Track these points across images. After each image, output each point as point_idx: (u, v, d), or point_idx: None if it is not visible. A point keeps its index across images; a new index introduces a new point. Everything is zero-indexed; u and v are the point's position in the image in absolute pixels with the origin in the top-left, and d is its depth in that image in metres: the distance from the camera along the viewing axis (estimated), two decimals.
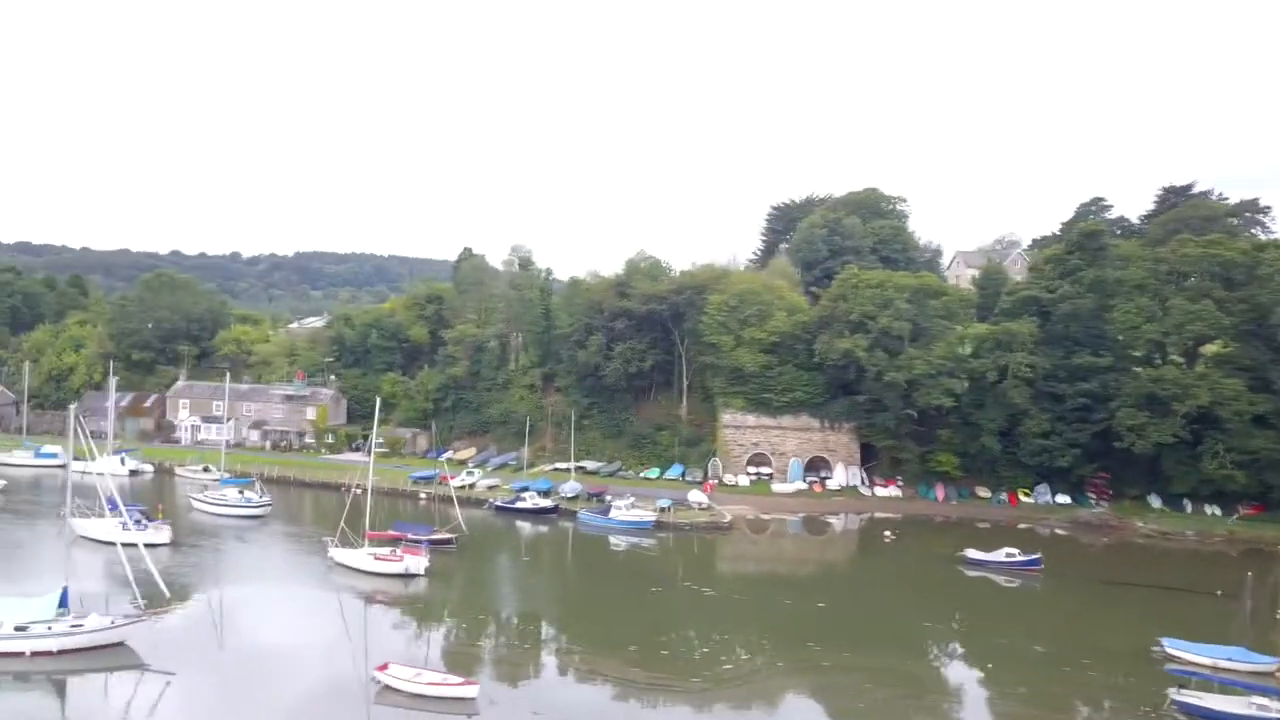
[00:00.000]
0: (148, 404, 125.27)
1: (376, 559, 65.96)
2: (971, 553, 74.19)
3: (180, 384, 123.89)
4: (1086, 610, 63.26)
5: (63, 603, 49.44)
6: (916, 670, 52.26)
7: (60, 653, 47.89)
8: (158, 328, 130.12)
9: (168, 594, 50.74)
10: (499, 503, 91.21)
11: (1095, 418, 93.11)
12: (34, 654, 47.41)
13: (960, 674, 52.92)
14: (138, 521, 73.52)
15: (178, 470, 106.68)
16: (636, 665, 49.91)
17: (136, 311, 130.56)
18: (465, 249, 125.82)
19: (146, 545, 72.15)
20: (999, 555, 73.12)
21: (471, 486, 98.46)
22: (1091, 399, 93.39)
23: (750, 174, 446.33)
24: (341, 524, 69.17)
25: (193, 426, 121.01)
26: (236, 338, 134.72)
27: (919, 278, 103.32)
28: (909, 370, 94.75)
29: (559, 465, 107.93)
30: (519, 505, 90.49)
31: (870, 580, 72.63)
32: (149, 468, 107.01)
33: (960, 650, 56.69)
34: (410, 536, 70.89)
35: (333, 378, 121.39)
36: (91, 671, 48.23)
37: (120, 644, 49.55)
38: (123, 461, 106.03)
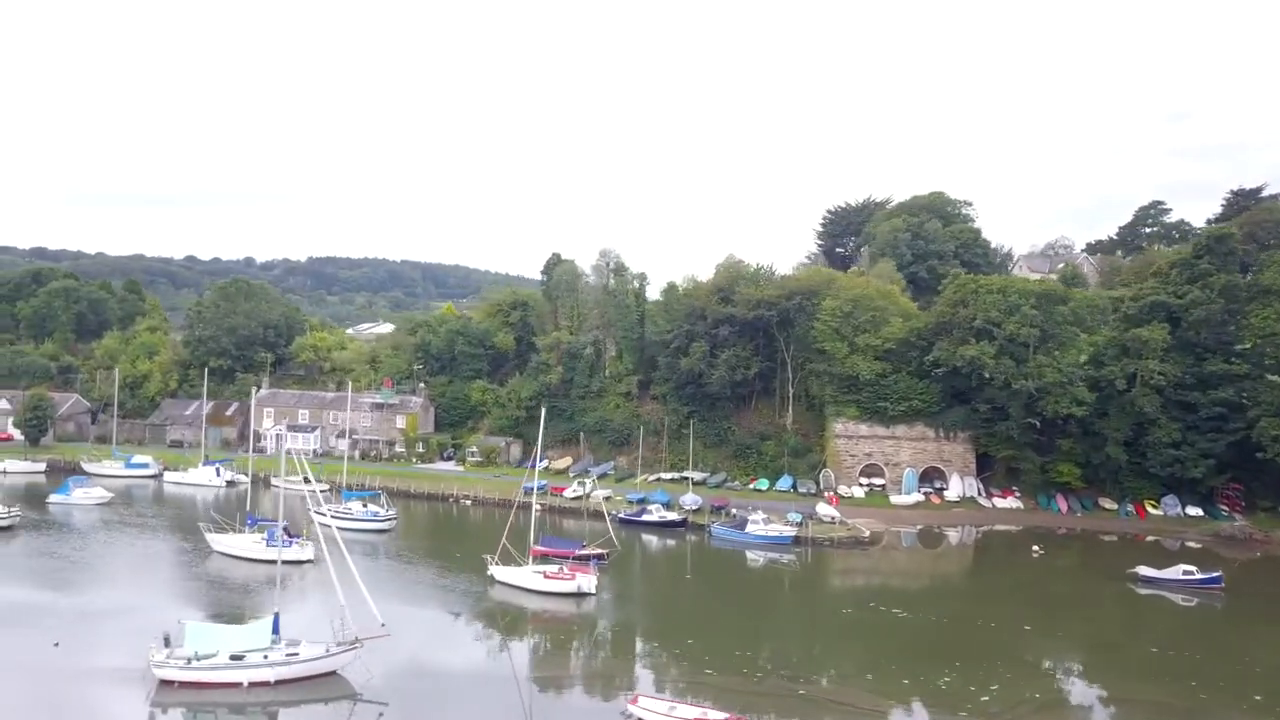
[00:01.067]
0: (229, 412, 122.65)
1: (546, 577, 63.21)
2: (1144, 570, 71.40)
3: (263, 392, 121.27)
4: None
5: (274, 629, 46.74)
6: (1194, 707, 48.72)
7: (277, 683, 45.22)
8: (234, 335, 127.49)
9: (380, 620, 47.89)
10: (623, 515, 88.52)
11: (1231, 427, 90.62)
12: (251, 684, 44.76)
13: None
14: (274, 537, 70.71)
15: (274, 481, 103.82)
16: (893, 697, 47.00)
17: (213, 318, 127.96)
18: (554, 254, 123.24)
19: (289, 562, 70.20)
20: (1174, 573, 70.37)
21: (586, 497, 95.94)
22: (1227, 407, 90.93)
23: (777, 177, 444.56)
24: (504, 540, 66.42)
25: (278, 435, 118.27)
26: (314, 344, 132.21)
27: (1042, 283, 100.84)
28: (1037, 378, 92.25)
29: (662, 475, 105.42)
30: (644, 518, 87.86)
31: (1051, 601, 69.27)
32: (244, 479, 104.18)
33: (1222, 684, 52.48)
34: (577, 553, 68.13)
35: (421, 385, 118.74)
36: (306, 703, 45.57)
37: (333, 674, 46.86)
38: (218, 472, 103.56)
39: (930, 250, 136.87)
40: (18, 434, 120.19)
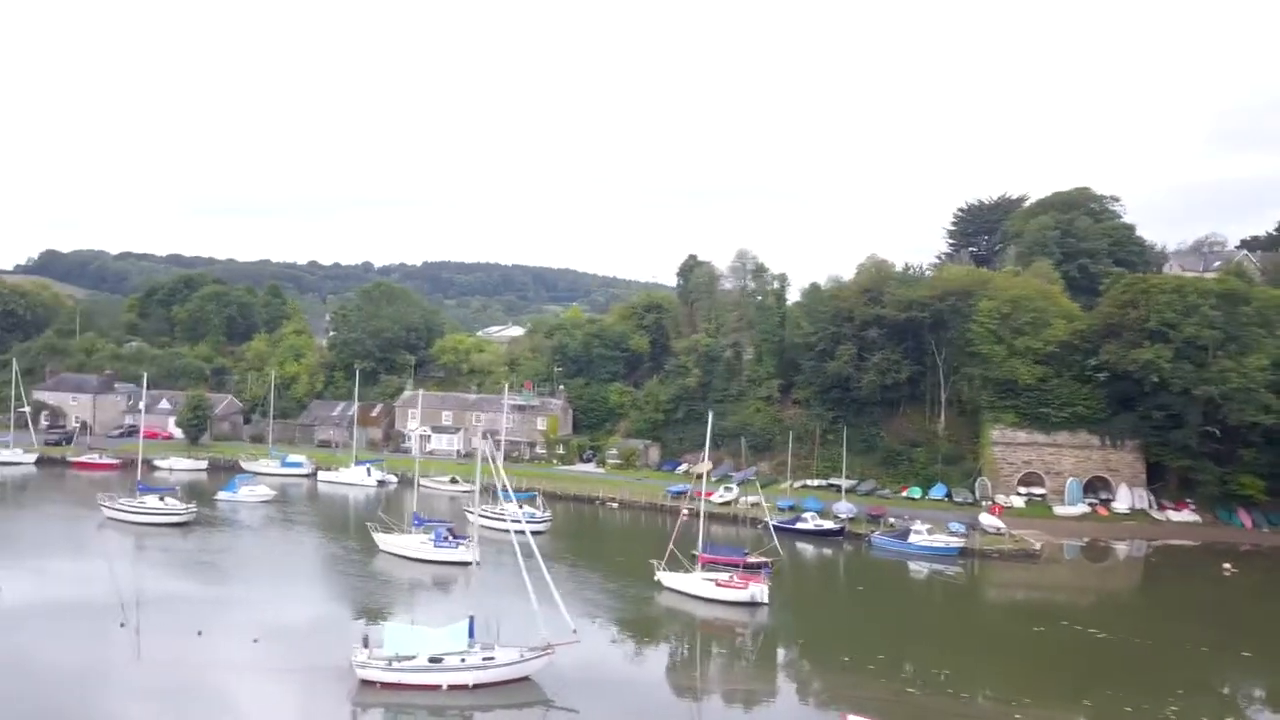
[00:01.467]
0: (374, 413, 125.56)
1: (718, 585, 61.84)
2: None
3: (407, 393, 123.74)
4: None
5: (470, 633, 46.64)
6: None
7: (475, 687, 45.05)
8: (378, 337, 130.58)
9: (572, 625, 47.30)
10: (776, 522, 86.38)
11: None
12: (450, 688, 44.69)
13: None
14: (444, 538, 71.48)
15: (422, 482, 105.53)
16: None
17: (358, 321, 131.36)
18: (690, 257, 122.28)
19: (454, 563, 70.77)
20: None
21: (733, 503, 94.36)
22: None
23: (898, 175, 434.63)
24: (671, 546, 65.38)
25: (422, 436, 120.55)
26: (453, 347, 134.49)
27: (1221, 281, 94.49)
28: (1220, 383, 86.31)
29: (808, 482, 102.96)
30: (799, 526, 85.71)
31: (1254, 623, 64.48)
32: (393, 479, 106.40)
33: None
34: (748, 561, 66.57)
35: (561, 388, 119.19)
36: (500, 708, 45.28)
37: (525, 679, 46.47)
38: (369, 472, 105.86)
39: (1081, 249, 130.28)
40: (178, 433, 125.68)
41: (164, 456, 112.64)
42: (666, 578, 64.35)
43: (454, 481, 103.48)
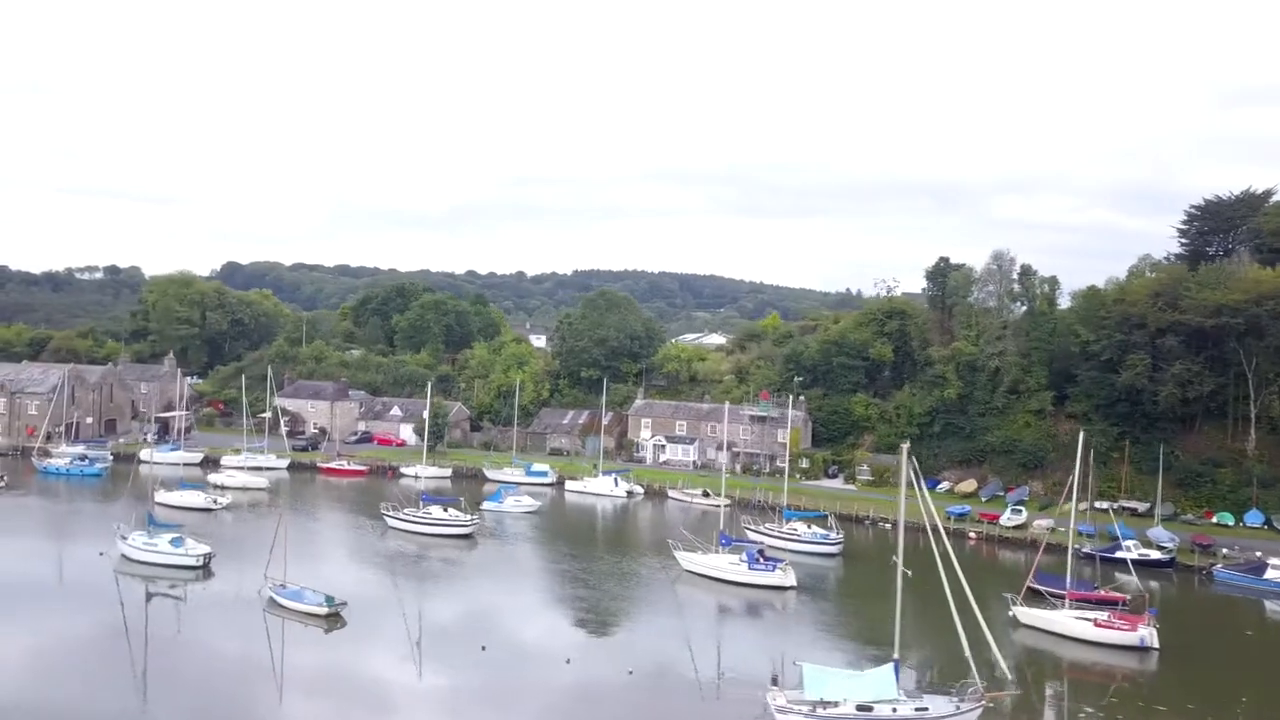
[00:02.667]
0: (605, 422, 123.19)
1: (1097, 625, 54.82)
2: None
3: (639, 402, 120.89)
4: None
5: (894, 677, 41.57)
6: None
7: None
8: (603, 345, 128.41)
9: (1009, 675, 41.59)
10: (1086, 549, 78.26)
11: None
12: None
13: None
14: (756, 559, 66.91)
15: (670, 494, 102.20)
16: None
17: (584, 329, 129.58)
18: (942, 259, 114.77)
19: (767, 588, 66.08)
20: None
21: (1025, 527, 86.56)
22: None
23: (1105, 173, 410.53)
24: (1030, 580, 58.75)
25: (656, 446, 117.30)
26: (676, 355, 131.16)
27: None
28: None
29: (1096, 505, 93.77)
30: (1119, 555, 77.15)
31: None
32: (639, 490, 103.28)
33: None
34: (1127, 598, 59.25)
35: (801, 398, 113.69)
36: None
37: None
38: (616, 483, 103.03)
39: None
40: (411, 439, 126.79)
41: (409, 464, 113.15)
42: (1023, 613, 57.76)
43: (706, 495, 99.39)
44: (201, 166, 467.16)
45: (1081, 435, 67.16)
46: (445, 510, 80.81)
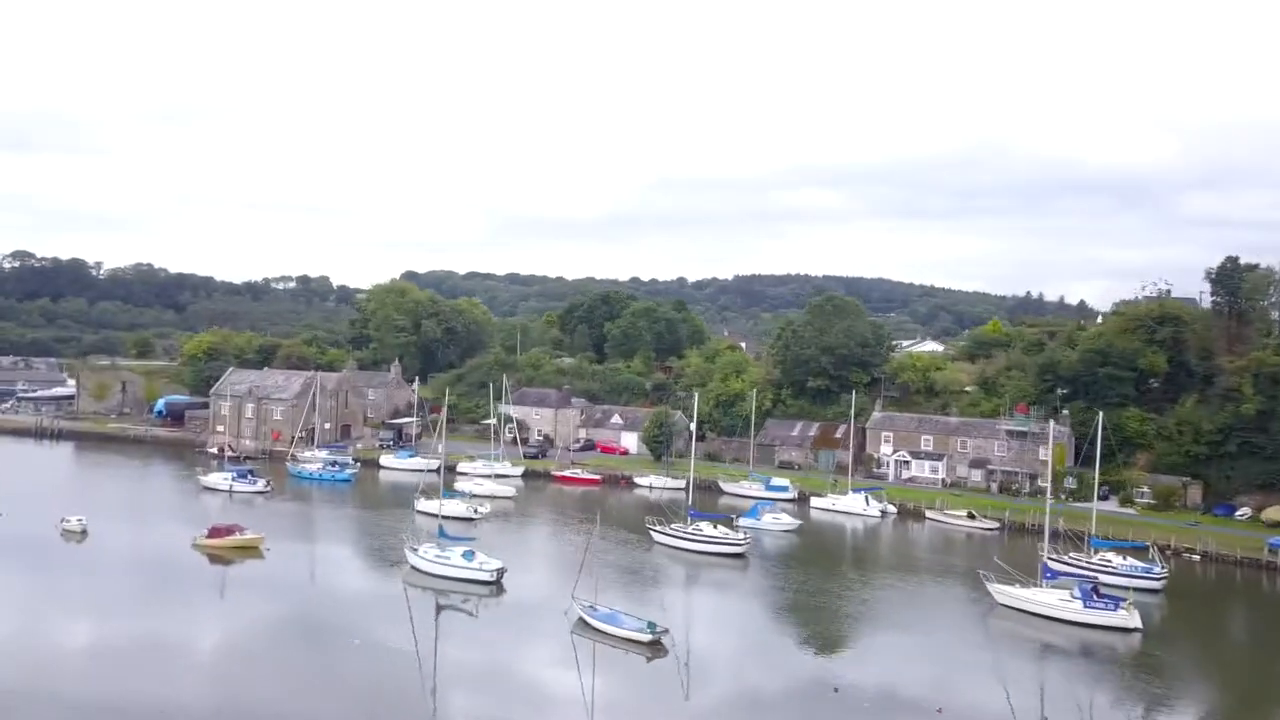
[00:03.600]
0: (838, 434, 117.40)
1: None
2: None
3: (878, 414, 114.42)
4: None
5: None
6: None
7: None
8: (832, 354, 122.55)
9: None
10: None
11: None
12: None
13: None
14: (1090, 595, 59.70)
15: (928, 514, 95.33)
16: None
17: (812, 337, 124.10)
18: (1229, 259, 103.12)
19: (1109, 629, 58.86)
20: None
21: None
22: None
23: None
24: None
25: (899, 462, 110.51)
26: (911, 364, 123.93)
27: None
28: None
29: None
30: None
31: None
32: (892, 509, 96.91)
33: None
34: None
35: (1064, 412, 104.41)
36: None
37: None
38: (867, 502, 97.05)
39: None
40: (632, 448, 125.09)
41: (641, 473, 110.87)
42: None
43: (971, 516, 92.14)
44: (375, 180, 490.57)
45: None
46: (715, 527, 77.15)
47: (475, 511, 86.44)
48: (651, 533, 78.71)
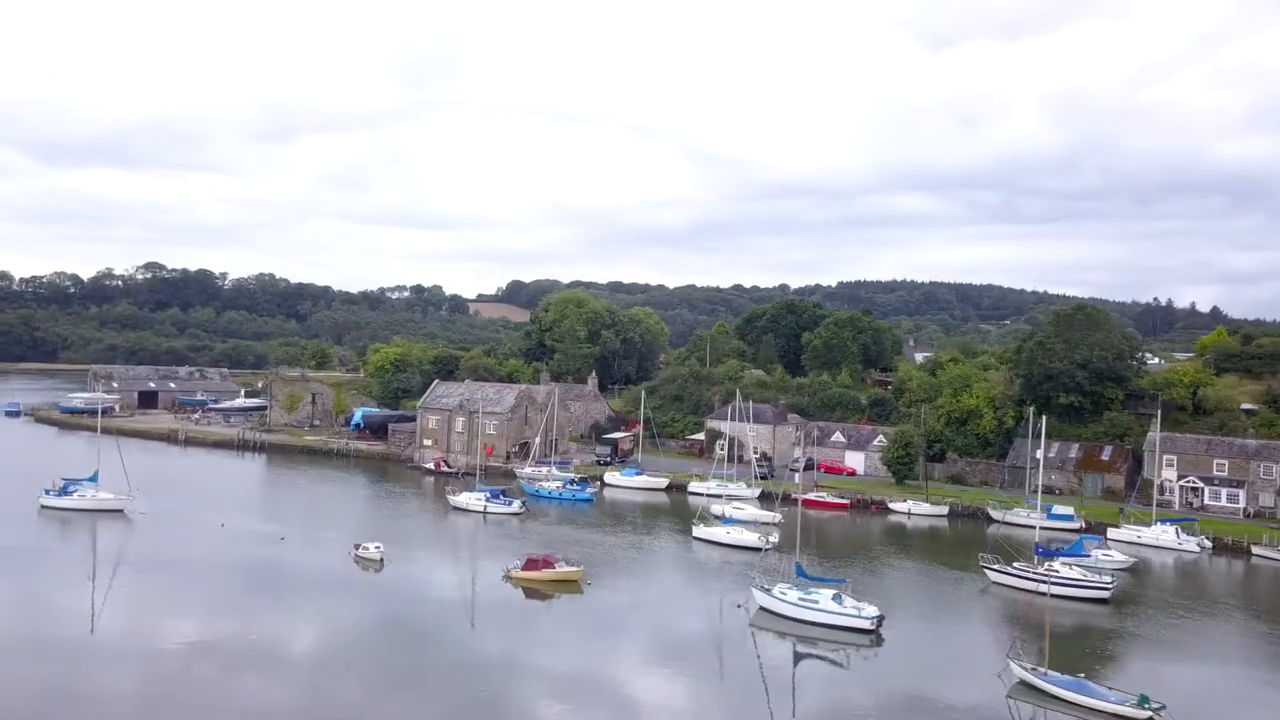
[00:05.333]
0: (1104, 456, 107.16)
1: None
2: None
3: (1156, 435, 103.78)
4: None
5: None
6: None
7: None
8: (1085, 369, 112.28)
9: None
10: None
11: None
12: None
13: None
14: None
15: (1255, 550, 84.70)
16: None
17: (1063, 351, 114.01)
18: None
19: None
20: None
21: None
22: None
23: None
24: None
25: (1187, 488, 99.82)
26: (1177, 379, 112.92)
27: None
28: None
29: None
30: None
31: None
32: (1208, 544, 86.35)
33: None
34: None
35: None
36: None
37: None
38: (1178, 535, 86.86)
39: None
40: (859, 468, 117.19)
41: (895, 499, 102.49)
42: None
43: None
44: (472, 193, 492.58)
45: None
46: (1070, 567, 68.41)
47: (766, 541, 79.29)
48: (987, 572, 70.25)
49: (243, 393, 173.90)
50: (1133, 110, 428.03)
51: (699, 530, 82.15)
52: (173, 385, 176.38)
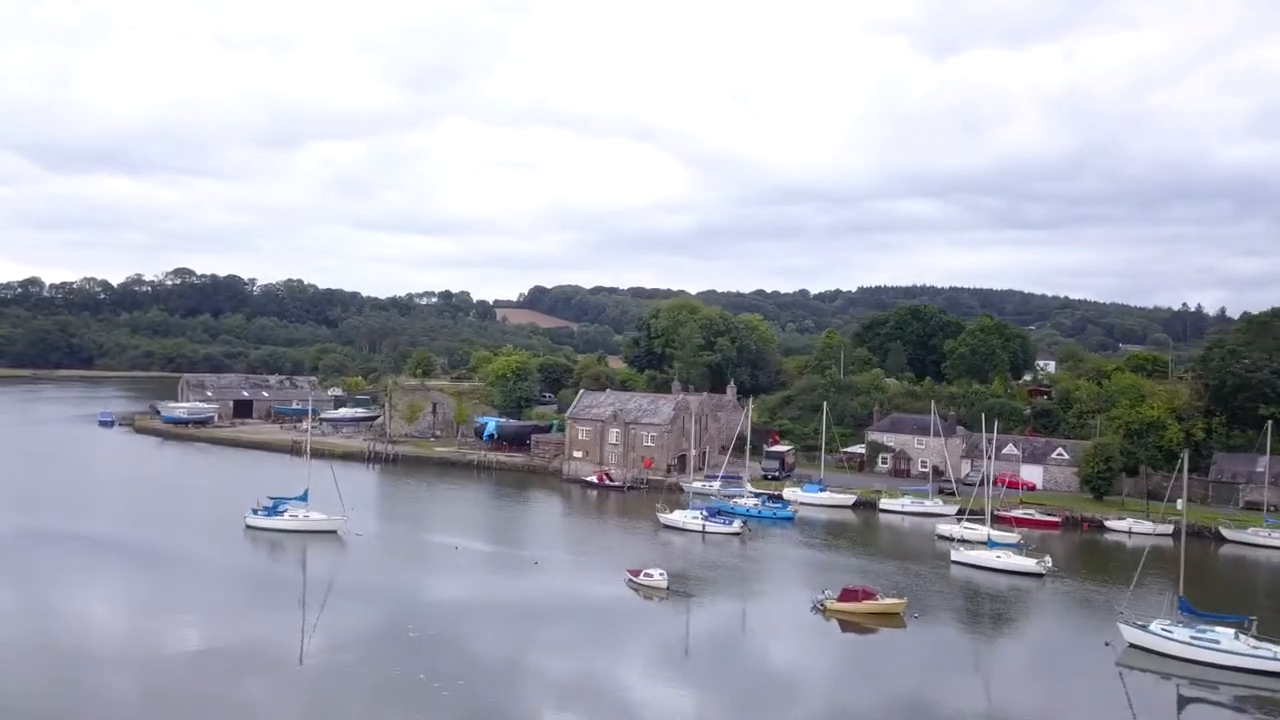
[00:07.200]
0: None
1: None
2: None
3: None
4: None
5: None
6: None
7: None
8: (1271, 374, 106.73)
9: None
10: None
11: None
12: None
13: None
14: None
15: None
16: None
17: (1260, 360, 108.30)
18: None
19: None
20: None
21: None
22: None
23: None
24: None
25: None
26: None
27: None
28: None
29: None
30: None
31: None
32: None
33: None
34: None
35: None
36: None
37: None
38: None
39: None
40: (1038, 483, 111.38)
41: (1110, 516, 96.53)
42: None
43: None
44: (473, 200, 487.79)
45: None
46: None
47: (1044, 567, 73.28)
48: None
49: (349, 401, 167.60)
50: (1137, 115, 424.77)
51: (957, 554, 76.21)
52: (265, 394, 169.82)
